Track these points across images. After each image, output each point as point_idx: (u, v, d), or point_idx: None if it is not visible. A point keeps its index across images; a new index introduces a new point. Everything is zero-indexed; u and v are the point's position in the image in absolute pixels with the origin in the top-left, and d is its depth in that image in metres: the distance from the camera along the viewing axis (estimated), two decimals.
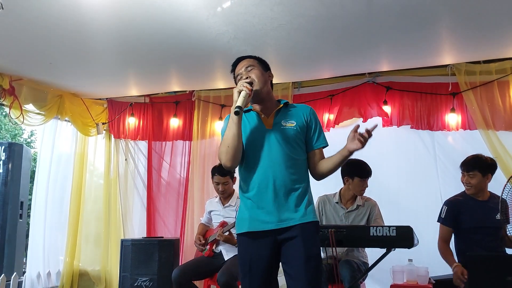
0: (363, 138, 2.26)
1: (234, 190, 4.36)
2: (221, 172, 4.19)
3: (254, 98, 2.40)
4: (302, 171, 2.42)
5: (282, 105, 2.48)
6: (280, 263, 2.38)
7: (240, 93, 2.25)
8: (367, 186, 3.86)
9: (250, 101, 2.40)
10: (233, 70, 2.57)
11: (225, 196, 4.30)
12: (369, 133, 2.26)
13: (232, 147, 2.28)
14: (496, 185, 3.64)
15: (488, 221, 3.51)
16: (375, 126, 2.28)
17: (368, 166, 3.84)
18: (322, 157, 2.48)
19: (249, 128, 2.42)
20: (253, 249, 2.35)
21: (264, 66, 2.52)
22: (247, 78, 2.36)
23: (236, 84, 2.43)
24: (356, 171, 3.79)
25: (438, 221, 3.73)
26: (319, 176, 2.50)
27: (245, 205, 2.40)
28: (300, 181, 2.39)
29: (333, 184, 3.80)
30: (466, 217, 3.59)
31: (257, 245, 2.34)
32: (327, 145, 2.50)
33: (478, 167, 3.57)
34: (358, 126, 2.30)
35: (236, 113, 2.21)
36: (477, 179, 3.57)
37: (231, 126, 2.29)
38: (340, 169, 2.66)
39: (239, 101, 2.22)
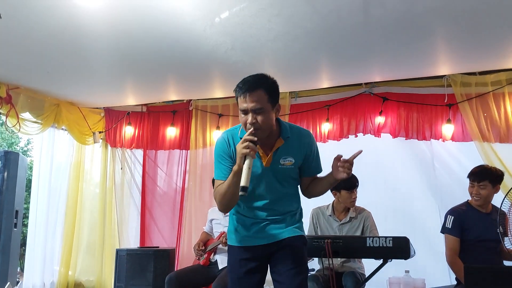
0: (347, 167, 2.27)
1: None
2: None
3: (258, 139, 2.19)
4: (297, 199, 2.52)
5: (282, 141, 2.34)
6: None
7: (244, 158, 2.11)
8: (356, 197, 3.81)
9: None
10: (237, 95, 2.27)
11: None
12: (350, 162, 2.27)
13: (229, 202, 2.31)
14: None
15: (490, 234, 3.43)
16: (359, 152, 2.28)
17: (354, 177, 3.72)
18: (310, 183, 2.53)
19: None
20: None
21: (273, 101, 2.26)
22: (253, 124, 2.18)
23: (238, 106, 2.27)
24: (341, 184, 3.58)
25: (443, 231, 3.58)
26: (310, 196, 2.58)
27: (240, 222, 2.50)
28: (296, 207, 2.50)
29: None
30: (469, 229, 3.50)
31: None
32: (321, 171, 2.51)
33: (489, 177, 3.49)
34: (340, 156, 2.31)
35: (241, 196, 2.11)
36: (487, 190, 3.48)
37: (232, 185, 2.19)
38: None
39: (244, 179, 2.07)
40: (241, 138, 2.19)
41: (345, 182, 3.61)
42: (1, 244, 5.04)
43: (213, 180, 2.44)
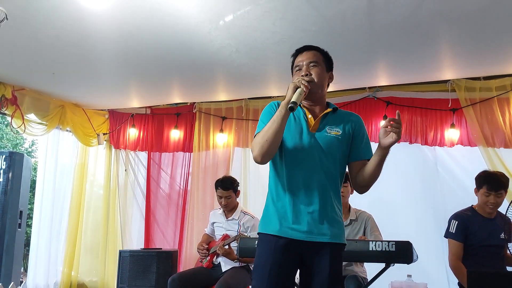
0: (396, 126, 2.08)
1: (237, 203, 4.36)
2: (223, 186, 4.19)
3: (307, 97, 2.18)
4: (338, 186, 2.24)
5: (330, 109, 2.27)
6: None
7: (296, 89, 2.07)
8: (348, 190, 3.79)
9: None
10: (294, 56, 2.33)
11: (228, 209, 4.29)
12: (397, 121, 2.10)
13: (271, 142, 2.06)
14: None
15: (493, 239, 3.43)
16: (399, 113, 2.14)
17: None
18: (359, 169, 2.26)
19: (293, 126, 2.22)
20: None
21: (328, 65, 2.29)
22: (307, 75, 2.18)
23: (292, 74, 2.31)
24: None
25: (446, 236, 3.56)
26: (362, 187, 2.30)
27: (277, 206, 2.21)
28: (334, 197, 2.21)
29: None
30: (473, 234, 3.48)
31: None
32: (369, 157, 2.25)
33: (505, 186, 3.45)
34: (389, 120, 2.10)
35: (290, 108, 2.00)
36: (503, 198, 3.44)
37: (277, 120, 2.05)
38: None
39: (295, 96, 2.03)
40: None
41: None
42: (5, 244, 5.07)
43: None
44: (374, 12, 3.32)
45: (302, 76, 2.18)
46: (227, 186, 4.18)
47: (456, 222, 3.52)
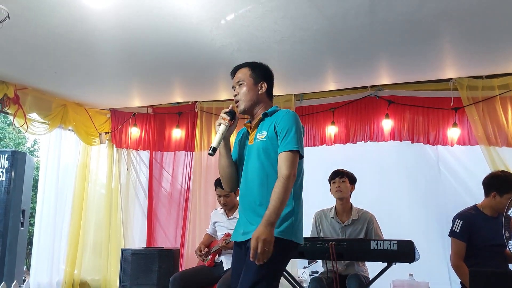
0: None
1: (237, 202, 4.36)
2: (222, 184, 4.19)
3: (246, 113, 2.47)
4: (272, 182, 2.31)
5: (261, 117, 2.42)
6: None
7: (219, 126, 2.36)
8: (339, 186, 3.79)
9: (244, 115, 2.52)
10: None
11: (228, 208, 4.29)
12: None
13: (223, 176, 2.47)
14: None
15: (497, 239, 3.37)
16: None
17: (336, 171, 3.85)
18: (281, 159, 2.28)
19: (241, 147, 2.51)
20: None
21: (256, 75, 2.48)
22: (235, 97, 2.47)
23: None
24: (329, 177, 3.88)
25: (450, 235, 3.53)
26: None
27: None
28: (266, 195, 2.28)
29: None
30: (477, 233, 3.45)
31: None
32: (289, 150, 2.26)
33: None
34: None
35: (210, 154, 2.30)
36: None
37: (219, 157, 2.44)
38: None
39: (215, 141, 2.33)
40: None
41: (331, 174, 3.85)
42: (8, 242, 5.08)
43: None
44: (376, 11, 3.31)
45: (222, 112, 2.43)
46: None
47: (461, 221, 3.48)
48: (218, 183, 4.22)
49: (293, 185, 2.24)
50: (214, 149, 2.31)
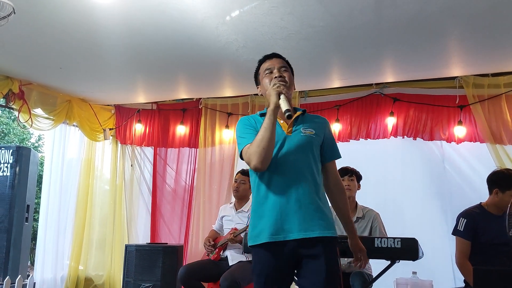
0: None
1: (250, 198, 4.38)
2: (243, 171, 4.40)
3: (288, 96, 2.24)
4: (320, 181, 2.31)
5: (301, 112, 2.37)
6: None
7: (279, 95, 2.15)
8: (349, 185, 3.78)
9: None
10: (261, 62, 2.46)
11: (238, 196, 4.35)
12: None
13: (268, 149, 2.12)
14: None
15: (501, 237, 3.33)
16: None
17: (345, 168, 3.82)
18: (334, 170, 2.38)
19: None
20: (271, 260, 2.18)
21: (292, 71, 2.43)
22: (280, 77, 2.27)
23: (258, 78, 2.44)
24: None
25: (454, 234, 3.50)
26: (327, 191, 2.39)
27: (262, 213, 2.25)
28: (320, 192, 2.27)
29: None
30: (482, 231, 3.42)
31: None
32: (339, 157, 2.40)
33: None
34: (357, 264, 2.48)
35: (289, 116, 2.10)
36: None
37: (268, 127, 2.12)
38: None
39: (286, 105, 2.12)
40: (260, 115, 2.34)
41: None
42: (13, 238, 5.11)
43: (240, 155, 2.25)
44: (382, 8, 3.30)
45: (278, 81, 2.23)
46: (246, 173, 4.33)
47: (465, 220, 3.46)
48: (240, 171, 4.47)
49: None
50: (291, 111, 2.11)
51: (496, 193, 3.43)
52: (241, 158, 2.26)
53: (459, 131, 4.64)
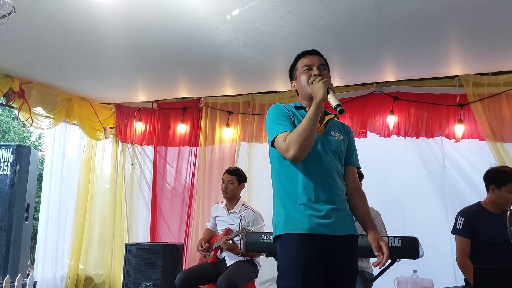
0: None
1: (239, 197, 4.38)
2: (229, 171, 4.40)
3: (326, 95, 2.21)
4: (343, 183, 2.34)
5: (332, 115, 2.37)
6: None
7: (327, 89, 2.13)
8: None
9: (306, 100, 2.33)
10: (300, 56, 2.44)
11: (228, 196, 4.33)
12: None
13: (309, 140, 2.11)
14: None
15: (501, 236, 3.32)
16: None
17: None
18: (356, 174, 2.42)
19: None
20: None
21: (329, 70, 2.43)
22: (320, 76, 2.26)
23: (294, 72, 2.44)
24: None
25: (453, 232, 3.51)
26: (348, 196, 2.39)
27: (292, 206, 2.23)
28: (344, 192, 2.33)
29: None
30: (481, 230, 3.43)
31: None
32: (359, 166, 2.45)
33: None
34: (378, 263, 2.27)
35: (341, 111, 2.09)
36: None
37: (313, 118, 2.09)
38: None
39: (335, 100, 2.12)
40: (295, 107, 2.35)
41: None
42: (13, 236, 5.10)
43: (272, 142, 2.20)
44: (382, 7, 3.30)
45: (322, 77, 2.23)
46: (232, 172, 4.34)
47: (463, 218, 3.47)
48: (226, 170, 4.43)
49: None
50: (341, 106, 2.12)
51: (493, 190, 3.44)
52: (272, 145, 2.23)
53: (459, 129, 4.64)
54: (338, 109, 2.10)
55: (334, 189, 2.23)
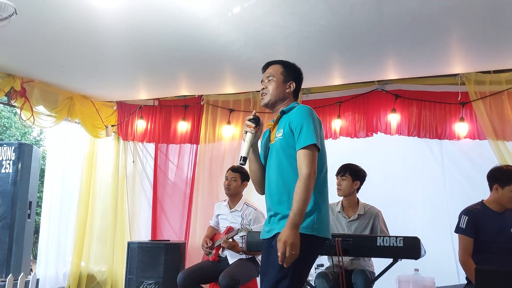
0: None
1: (242, 194, 4.39)
2: (233, 168, 4.40)
3: (270, 108, 2.54)
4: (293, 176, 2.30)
5: (279, 115, 2.48)
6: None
7: (246, 134, 2.40)
8: (340, 185, 3.81)
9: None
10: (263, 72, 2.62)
11: (230, 193, 4.34)
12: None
13: (254, 180, 2.55)
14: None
15: (504, 234, 3.37)
16: None
17: (343, 165, 3.86)
18: (299, 158, 2.29)
19: (266, 148, 2.55)
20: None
21: (288, 74, 2.53)
22: (262, 90, 2.52)
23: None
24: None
25: (457, 231, 3.49)
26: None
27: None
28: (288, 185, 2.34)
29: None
30: (483, 228, 3.41)
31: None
32: (306, 145, 2.27)
33: None
34: None
35: (241, 164, 2.38)
36: None
37: (249, 163, 2.48)
38: None
39: (243, 150, 2.39)
40: None
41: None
42: (15, 234, 5.12)
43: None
44: (383, 6, 3.29)
45: (246, 119, 2.48)
46: (236, 169, 4.35)
47: (467, 217, 3.45)
48: (230, 167, 4.43)
49: (315, 180, 2.25)
50: (245, 159, 2.38)
51: (496, 189, 3.43)
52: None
53: (461, 127, 4.63)
54: (239, 162, 2.40)
55: (271, 195, 2.41)
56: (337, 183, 3.81)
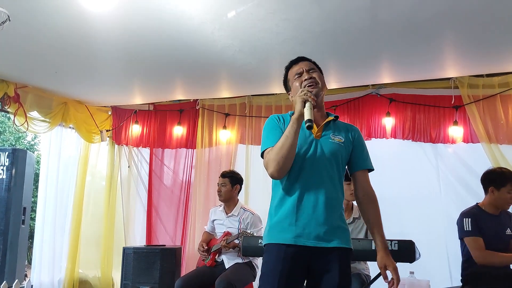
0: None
1: (237, 200, 4.39)
2: (222, 174, 4.42)
3: (318, 97, 2.23)
4: (342, 189, 2.25)
5: (332, 118, 2.30)
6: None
7: (304, 102, 2.07)
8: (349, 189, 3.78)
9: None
10: (288, 68, 2.42)
11: (223, 199, 4.34)
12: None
13: (286, 158, 2.06)
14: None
15: (500, 237, 3.39)
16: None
17: None
18: (367, 179, 2.30)
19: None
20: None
21: (321, 71, 2.39)
22: (310, 79, 2.25)
23: (288, 84, 2.40)
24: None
25: (465, 235, 3.40)
26: (359, 203, 2.33)
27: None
28: (341, 199, 2.23)
29: None
30: (482, 232, 3.38)
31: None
32: (372, 168, 2.32)
33: None
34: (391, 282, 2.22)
35: (309, 127, 2.02)
36: None
37: (290, 135, 2.05)
38: None
39: (308, 113, 2.03)
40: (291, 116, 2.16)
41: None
42: (9, 241, 5.10)
43: (262, 154, 2.19)
44: (377, 11, 3.31)
45: (306, 86, 2.21)
46: (225, 175, 4.37)
47: (469, 219, 3.41)
48: (221, 173, 4.44)
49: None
50: (312, 121, 2.02)
51: (492, 191, 3.43)
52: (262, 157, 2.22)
53: (455, 131, 4.66)
54: (306, 125, 2.03)
55: (324, 197, 2.14)
56: (351, 188, 3.76)
